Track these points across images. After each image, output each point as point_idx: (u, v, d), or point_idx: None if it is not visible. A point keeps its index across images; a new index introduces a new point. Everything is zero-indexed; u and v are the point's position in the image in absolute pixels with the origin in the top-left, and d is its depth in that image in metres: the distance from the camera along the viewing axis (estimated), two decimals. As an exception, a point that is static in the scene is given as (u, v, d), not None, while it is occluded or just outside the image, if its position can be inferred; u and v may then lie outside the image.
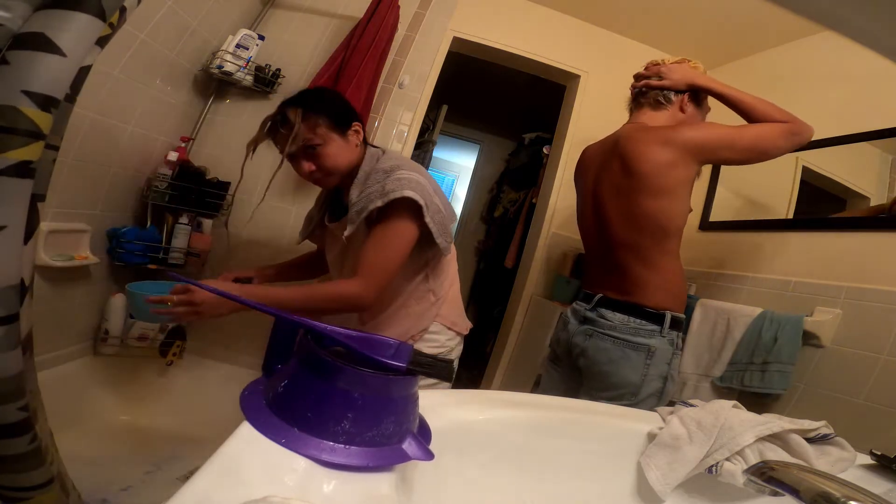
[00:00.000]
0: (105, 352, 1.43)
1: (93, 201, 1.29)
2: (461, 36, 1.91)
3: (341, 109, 0.94)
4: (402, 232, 0.86)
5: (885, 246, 1.20)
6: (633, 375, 0.97)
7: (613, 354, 0.99)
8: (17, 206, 0.31)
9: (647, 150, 0.99)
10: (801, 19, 0.33)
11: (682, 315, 1.01)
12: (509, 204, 3.19)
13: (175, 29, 1.35)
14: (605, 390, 1.00)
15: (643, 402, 0.96)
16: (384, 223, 0.85)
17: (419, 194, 0.84)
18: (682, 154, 0.96)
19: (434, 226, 0.87)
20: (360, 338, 0.36)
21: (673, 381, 0.99)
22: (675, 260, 1.02)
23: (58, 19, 0.30)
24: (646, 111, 1.10)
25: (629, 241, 1.02)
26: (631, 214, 1.01)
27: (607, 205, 1.07)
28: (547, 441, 0.48)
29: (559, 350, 1.14)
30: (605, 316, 1.01)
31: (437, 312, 0.99)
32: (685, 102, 1.08)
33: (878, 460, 0.53)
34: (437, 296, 0.99)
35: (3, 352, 0.32)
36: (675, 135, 0.98)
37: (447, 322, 1.01)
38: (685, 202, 1.00)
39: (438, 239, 0.89)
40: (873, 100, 1.37)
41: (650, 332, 0.97)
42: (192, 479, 0.24)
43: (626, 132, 1.07)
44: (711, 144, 0.97)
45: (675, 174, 0.97)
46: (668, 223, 0.99)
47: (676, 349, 1.00)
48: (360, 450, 0.30)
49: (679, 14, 1.80)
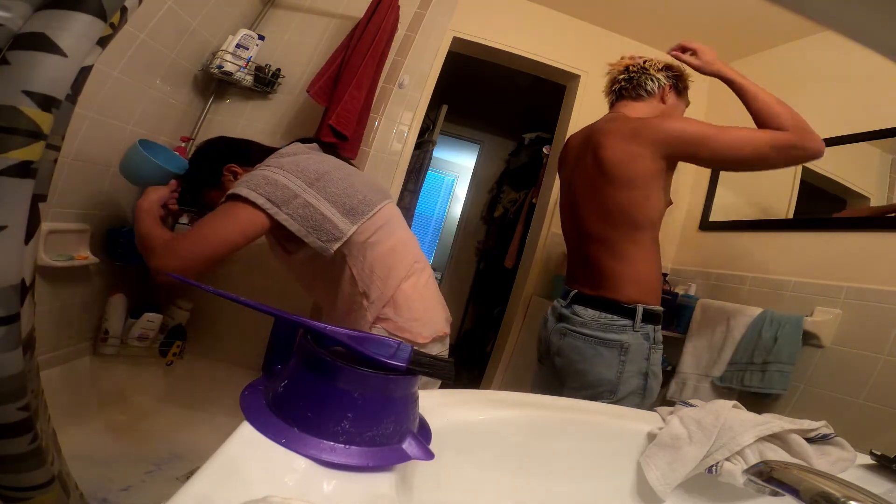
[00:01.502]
0: (105, 352, 1.43)
1: (93, 201, 1.29)
2: (461, 36, 1.91)
3: (205, 172, 0.97)
4: (227, 214, 0.82)
5: (885, 246, 1.20)
6: (608, 373, 0.95)
7: (586, 353, 0.97)
8: (18, 206, 0.31)
9: (614, 141, 0.97)
10: (801, 19, 0.33)
11: (657, 308, 0.98)
12: (509, 204, 3.19)
13: (175, 29, 1.35)
14: (582, 389, 0.98)
15: (624, 401, 0.94)
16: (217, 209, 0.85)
17: (260, 191, 0.81)
18: (648, 146, 0.94)
19: (294, 222, 0.82)
20: (360, 338, 0.36)
21: (656, 378, 0.97)
22: (646, 252, 0.99)
23: (58, 19, 0.30)
24: (626, 102, 1.08)
25: (600, 234, 1.01)
26: (601, 207, 1.00)
27: (580, 198, 1.06)
28: (547, 441, 0.48)
29: (541, 348, 1.14)
30: (578, 312, 1.00)
31: (373, 318, 0.88)
32: (667, 92, 1.06)
33: (878, 460, 0.53)
34: (370, 299, 0.88)
35: (4, 352, 0.32)
36: (643, 126, 0.96)
37: (392, 328, 0.87)
38: (657, 195, 0.97)
39: (308, 238, 0.83)
40: (873, 100, 1.37)
41: (621, 328, 0.96)
42: (192, 479, 0.24)
43: (601, 123, 1.06)
44: (679, 139, 0.93)
45: (638, 165, 0.94)
46: (639, 215, 0.97)
47: (654, 343, 0.97)
48: (360, 450, 0.30)
49: (679, 14, 1.80)
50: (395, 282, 0.90)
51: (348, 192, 0.88)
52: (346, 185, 0.89)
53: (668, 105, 1.06)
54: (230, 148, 1.00)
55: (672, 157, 0.95)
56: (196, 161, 1.01)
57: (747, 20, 1.71)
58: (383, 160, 1.75)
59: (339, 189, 0.87)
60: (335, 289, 0.92)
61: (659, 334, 0.98)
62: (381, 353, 0.34)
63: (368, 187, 0.93)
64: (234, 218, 0.82)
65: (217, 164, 0.97)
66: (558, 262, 2.00)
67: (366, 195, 0.90)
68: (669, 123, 0.96)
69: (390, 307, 0.89)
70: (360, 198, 0.89)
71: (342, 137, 1.47)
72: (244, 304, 0.38)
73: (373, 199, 0.91)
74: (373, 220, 0.89)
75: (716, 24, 1.77)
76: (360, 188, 0.90)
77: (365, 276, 0.89)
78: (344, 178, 0.90)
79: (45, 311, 1.22)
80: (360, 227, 0.87)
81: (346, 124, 1.46)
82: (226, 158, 0.97)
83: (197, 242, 0.81)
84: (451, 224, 4.29)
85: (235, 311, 1.64)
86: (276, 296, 1.66)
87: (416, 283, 0.93)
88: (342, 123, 1.45)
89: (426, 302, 0.93)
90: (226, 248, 0.81)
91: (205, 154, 1.01)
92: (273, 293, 1.66)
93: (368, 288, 0.89)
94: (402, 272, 0.91)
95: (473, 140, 3.91)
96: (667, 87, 1.06)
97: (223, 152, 0.98)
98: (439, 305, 0.98)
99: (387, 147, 1.76)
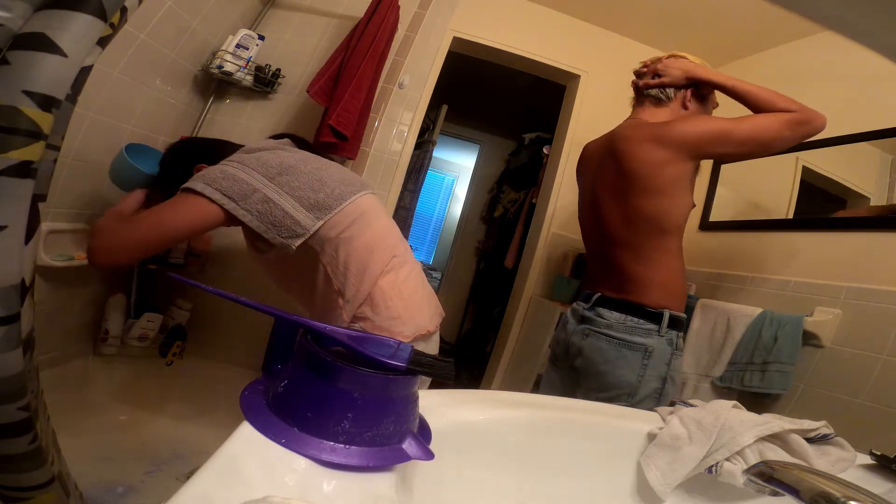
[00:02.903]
0: (105, 352, 1.43)
1: (93, 201, 1.29)
2: (461, 36, 1.91)
3: (176, 171, 0.94)
4: (176, 205, 0.79)
5: (885, 246, 1.20)
6: (630, 376, 0.95)
7: (610, 354, 0.97)
8: (19, 206, 0.31)
9: (638, 149, 0.97)
10: (801, 19, 0.33)
11: (681, 314, 0.99)
12: (509, 204, 3.19)
13: (175, 29, 1.35)
14: (601, 391, 0.98)
15: (641, 403, 0.94)
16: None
17: (216, 185, 0.79)
18: (674, 151, 0.94)
19: (252, 217, 0.80)
20: (360, 338, 0.36)
21: (673, 383, 0.97)
22: (674, 258, 0.99)
23: (59, 19, 0.30)
24: (647, 107, 1.07)
25: (626, 239, 1.00)
26: (627, 214, 0.99)
27: (604, 204, 1.05)
28: (547, 441, 0.48)
29: (558, 350, 1.13)
30: (603, 315, 1.00)
31: (350, 318, 0.86)
32: (688, 99, 1.05)
33: (878, 460, 0.53)
34: (346, 297, 0.85)
35: (4, 352, 0.32)
36: (665, 131, 0.95)
37: (369, 328, 0.84)
38: (683, 199, 0.97)
39: (268, 234, 0.81)
40: (873, 100, 1.37)
41: (647, 332, 0.96)
42: (192, 479, 0.24)
43: (621, 130, 1.05)
44: (704, 139, 0.93)
45: (668, 172, 0.94)
46: (666, 221, 0.97)
47: (676, 349, 0.97)
48: (360, 450, 0.30)
49: (679, 14, 1.80)
50: (372, 279, 0.86)
51: (314, 185, 0.84)
52: (313, 179, 0.85)
53: (690, 111, 1.05)
54: (201, 148, 0.98)
55: (699, 156, 0.96)
56: (166, 161, 1.00)
57: (747, 20, 1.71)
58: (383, 160, 1.75)
59: (303, 183, 0.84)
60: (311, 288, 0.89)
61: (681, 341, 0.99)
62: (381, 353, 0.34)
63: (339, 180, 0.89)
64: (183, 209, 0.79)
65: (187, 163, 0.94)
66: (558, 262, 2.00)
67: (334, 188, 0.86)
68: (690, 124, 0.96)
69: (367, 306, 0.86)
70: (327, 192, 0.85)
71: (342, 137, 1.47)
72: (244, 304, 0.38)
73: (343, 193, 0.87)
74: (343, 213, 0.85)
75: (715, 24, 1.77)
76: (328, 181, 0.86)
77: (339, 274, 0.85)
78: (311, 171, 0.86)
79: (46, 311, 1.22)
80: (327, 223, 0.84)
81: (346, 124, 1.46)
82: (196, 158, 0.94)
83: (139, 227, 0.78)
84: (451, 224, 4.30)
85: (235, 311, 1.64)
86: (276, 296, 1.66)
87: (394, 279, 0.89)
88: (342, 123, 1.45)
89: (406, 299, 0.89)
90: (168, 238, 0.79)
91: (175, 153, 0.99)
92: (273, 293, 1.65)
93: (343, 286, 0.86)
94: (378, 268, 0.87)
95: (473, 140, 3.91)
96: (689, 92, 1.04)
97: (193, 152, 0.97)
98: (424, 301, 0.93)
99: (387, 147, 1.76)
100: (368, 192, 0.94)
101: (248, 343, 1.66)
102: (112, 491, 1.13)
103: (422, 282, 0.97)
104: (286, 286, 1.02)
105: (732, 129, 0.93)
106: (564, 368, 1.11)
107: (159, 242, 0.80)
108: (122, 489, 1.14)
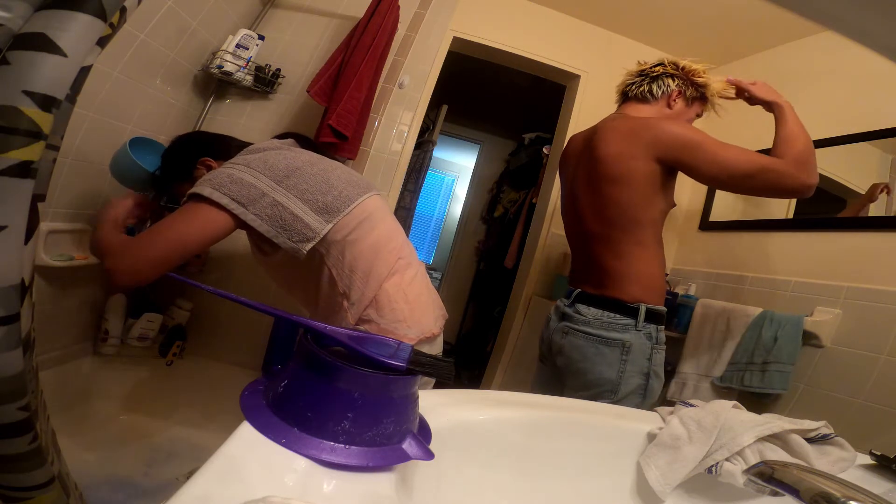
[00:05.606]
0: (105, 352, 1.43)
1: (93, 201, 1.29)
2: (461, 36, 1.91)
3: (178, 164, 0.95)
4: (186, 215, 0.78)
5: (885, 246, 1.20)
6: (609, 372, 0.95)
7: (588, 352, 0.97)
8: (18, 206, 0.31)
9: (610, 138, 0.98)
10: (801, 19, 0.33)
11: (660, 308, 0.98)
12: (509, 204, 3.19)
13: (175, 29, 1.34)
14: (583, 389, 0.98)
15: (625, 400, 0.94)
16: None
17: (224, 190, 0.78)
18: (640, 146, 0.94)
19: (262, 222, 0.79)
20: (359, 338, 0.36)
21: (657, 378, 0.96)
22: (649, 251, 0.98)
23: (58, 19, 0.30)
24: (631, 104, 1.08)
25: (601, 233, 1.01)
26: (600, 205, 1.00)
27: (581, 197, 1.06)
28: (547, 441, 0.48)
29: (543, 348, 1.14)
30: (581, 311, 1.00)
31: (355, 320, 0.85)
32: (673, 98, 1.05)
33: (878, 460, 0.53)
34: (351, 300, 0.84)
35: (4, 352, 0.32)
36: (641, 125, 0.96)
37: (374, 331, 0.83)
38: (655, 196, 0.96)
39: (278, 239, 0.80)
40: (873, 100, 1.37)
41: (624, 327, 0.95)
42: (192, 479, 0.24)
43: (603, 122, 1.06)
44: (674, 143, 0.92)
45: (631, 165, 0.94)
46: (638, 213, 0.96)
47: (657, 344, 0.96)
48: (360, 450, 0.30)
49: (679, 14, 1.80)
50: (377, 281, 0.85)
51: (322, 188, 0.83)
52: (320, 181, 0.84)
53: (673, 111, 1.05)
54: (205, 141, 0.97)
55: (663, 160, 0.94)
56: (170, 153, 0.98)
57: (747, 20, 1.71)
58: (383, 160, 1.75)
59: (311, 185, 0.83)
60: (315, 290, 0.88)
61: (662, 334, 0.98)
62: (381, 353, 0.34)
63: (346, 182, 0.88)
64: (194, 219, 0.78)
65: (191, 156, 0.93)
66: (558, 262, 2.00)
67: (342, 190, 0.85)
68: (667, 126, 0.95)
69: (372, 308, 0.84)
70: (335, 194, 0.84)
71: (342, 137, 1.47)
72: (244, 304, 0.38)
73: (350, 195, 0.86)
74: (351, 216, 0.85)
75: (715, 24, 1.77)
76: (335, 183, 0.86)
77: (345, 277, 0.84)
78: (318, 173, 0.85)
79: (45, 311, 1.22)
80: (336, 225, 0.83)
81: (346, 124, 1.46)
82: (200, 151, 0.93)
83: (154, 243, 0.77)
84: (451, 224, 4.29)
85: (235, 311, 1.64)
86: (275, 296, 1.66)
87: (399, 281, 0.88)
88: (342, 123, 1.45)
89: (411, 302, 0.87)
90: (184, 251, 0.77)
91: (179, 146, 0.98)
92: (273, 293, 1.66)
93: (349, 289, 0.84)
94: (384, 270, 0.86)
95: (473, 140, 3.91)
96: (674, 92, 1.05)
97: (197, 145, 0.96)
98: (428, 303, 0.92)
99: (387, 147, 1.76)
100: (374, 193, 0.93)
101: (248, 343, 1.66)
102: (112, 491, 1.13)
103: (426, 284, 0.96)
104: (289, 288, 1.01)
105: (706, 145, 0.91)
106: (549, 366, 1.12)
107: (181, 258, 0.78)
108: (122, 489, 1.14)
